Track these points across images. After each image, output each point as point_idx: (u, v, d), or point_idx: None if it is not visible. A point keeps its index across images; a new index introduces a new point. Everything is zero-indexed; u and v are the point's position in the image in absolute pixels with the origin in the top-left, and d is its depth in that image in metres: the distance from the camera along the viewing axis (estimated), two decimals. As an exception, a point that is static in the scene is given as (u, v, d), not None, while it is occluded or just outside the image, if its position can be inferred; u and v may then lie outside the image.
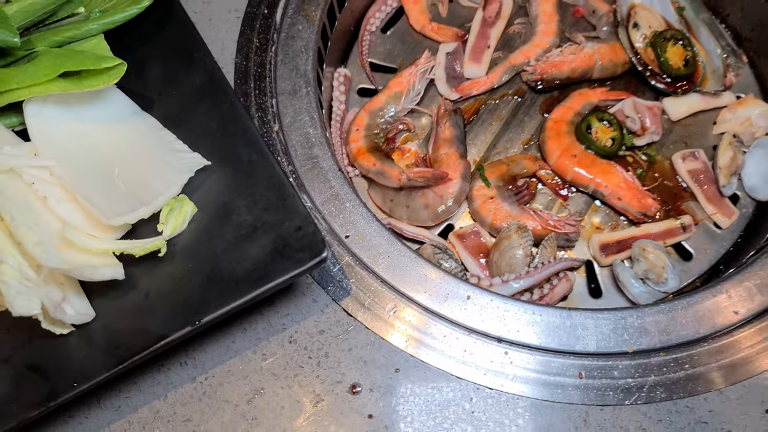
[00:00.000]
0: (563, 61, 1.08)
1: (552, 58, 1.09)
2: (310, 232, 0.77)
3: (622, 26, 1.09)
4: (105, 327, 0.76)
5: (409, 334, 0.85)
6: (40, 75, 0.79)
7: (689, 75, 1.07)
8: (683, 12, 1.11)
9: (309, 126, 0.96)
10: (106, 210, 0.77)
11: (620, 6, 1.10)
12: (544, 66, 1.08)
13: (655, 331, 0.85)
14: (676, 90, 1.09)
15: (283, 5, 1.04)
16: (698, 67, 1.07)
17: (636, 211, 1.02)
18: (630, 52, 1.08)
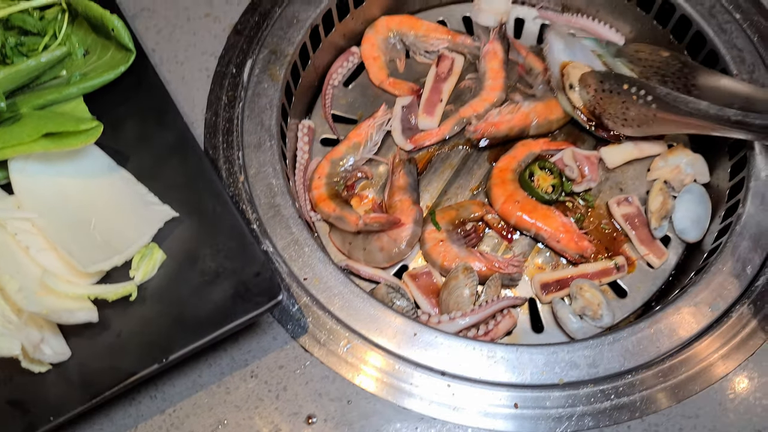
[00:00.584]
0: (501, 121, 1.17)
1: (491, 117, 1.18)
2: (268, 278, 0.86)
3: (559, 89, 1.18)
4: (80, 365, 0.84)
5: (361, 369, 0.93)
6: (24, 136, 0.87)
7: None
8: (603, 59, 1.22)
9: (272, 177, 1.05)
10: (83, 258, 0.85)
11: (551, 68, 1.19)
12: (485, 125, 1.17)
13: (584, 365, 0.93)
14: (617, 138, 1.18)
15: (250, 65, 1.13)
16: None
17: (573, 252, 1.11)
18: (573, 112, 1.17)
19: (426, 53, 1.29)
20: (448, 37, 1.27)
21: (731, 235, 1.02)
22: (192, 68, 1.13)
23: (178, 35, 1.16)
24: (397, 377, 0.93)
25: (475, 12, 1.32)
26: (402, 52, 1.30)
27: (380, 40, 1.28)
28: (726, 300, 0.97)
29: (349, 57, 1.29)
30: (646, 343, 0.95)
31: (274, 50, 1.14)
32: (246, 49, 1.14)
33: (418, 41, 1.28)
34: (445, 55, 1.26)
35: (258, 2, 1.19)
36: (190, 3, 1.20)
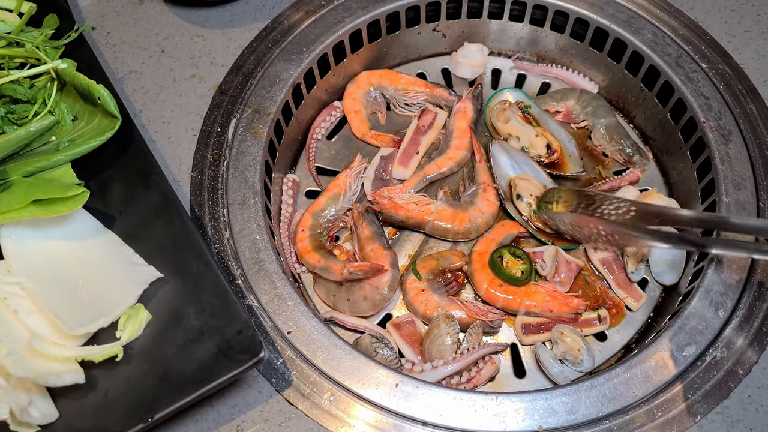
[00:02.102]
0: (401, 206, 1.18)
1: (399, 196, 1.19)
2: (250, 335, 0.88)
3: (507, 200, 1.20)
4: (67, 426, 0.86)
5: (345, 421, 0.95)
6: (13, 203, 0.91)
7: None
8: (529, 110, 1.26)
9: (256, 233, 1.08)
10: (70, 321, 0.88)
11: (499, 181, 1.21)
12: (387, 202, 1.19)
13: (563, 411, 0.95)
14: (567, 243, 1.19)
15: (234, 124, 1.17)
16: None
17: (568, 314, 1.13)
18: (519, 219, 1.19)
19: (405, 106, 1.33)
20: (427, 89, 1.32)
21: (703, 278, 1.05)
22: (178, 128, 1.17)
23: (164, 96, 1.20)
24: (380, 428, 0.95)
25: (453, 64, 1.37)
26: (383, 105, 1.34)
27: (361, 95, 1.33)
28: (699, 344, 0.99)
29: (331, 111, 1.33)
30: (622, 389, 0.97)
31: (257, 109, 1.18)
32: (230, 109, 1.19)
33: (398, 94, 1.32)
34: (428, 108, 1.30)
35: (241, 63, 1.23)
36: (176, 65, 1.24)
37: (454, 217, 1.19)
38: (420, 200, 1.20)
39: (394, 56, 1.38)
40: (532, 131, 1.26)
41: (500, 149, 1.23)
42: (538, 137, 1.25)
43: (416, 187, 1.23)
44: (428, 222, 1.19)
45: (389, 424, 0.95)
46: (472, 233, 1.19)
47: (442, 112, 1.30)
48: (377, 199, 1.20)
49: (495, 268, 1.14)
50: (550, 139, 1.25)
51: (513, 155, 1.23)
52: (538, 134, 1.25)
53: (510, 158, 1.22)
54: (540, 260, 1.15)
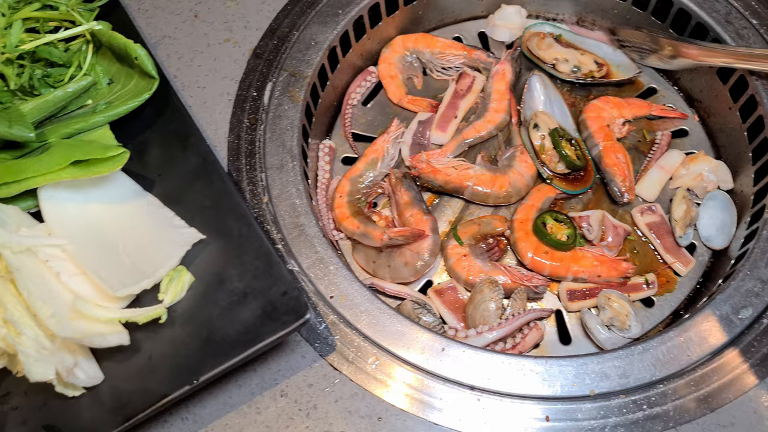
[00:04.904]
0: (440, 171, 1.15)
1: (438, 161, 1.16)
2: (295, 296, 0.87)
3: (524, 127, 1.19)
4: (112, 388, 0.85)
5: (390, 385, 0.93)
6: (53, 164, 0.89)
7: (584, 166, 1.16)
8: (561, 37, 1.23)
9: (295, 197, 1.06)
10: (113, 282, 0.86)
11: (524, 111, 1.20)
12: (425, 167, 1.16)
13: (615, 375, 0.93)
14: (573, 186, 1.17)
15: (270, 88, 1.14)
16: (588, 161, 1.17)
17: (617, 279, 1.10)
18: (530, 148, 1.17)
19: (442, 70, 1.30)
20: (464, 52, 1.28)
21: (758, 240, 1.01)
22: (213, 93, 1.15)
23: (198, 61, 1.18)
24: (426, 392, 0.93)
25: (490, 28, 1.33)
26: (419, 69, 1.31)
27: (397, 59, 1.30)
28: (756, 307, 0.96)
29: (367, 77, 1.30)
30: (676, 352, 0.94)
31: (293, 73, 1.16)
32: (266, 73, 1.16)
33: (435, 58, 1.29)
34: (466, 72, 1.27)
35: (276, 26, 1.21)
36: (210, 29, 1.22)
37: (493, 181, 1.16)
38: (459, 165, 1.17)
39: (430, 20, 1.35)
40: (577, 51, 1.25)
41: (539, 81, 1.22)
42: (584, 56, 1.24)
43: (455, 152, 1.20)
44: (468, 187, 1.16)
45: (436, 389, 0.93)
46: (513, 197, 1.16)
47: (480, 76, 1.27)
48: (415, 164, 1.17)
49: (540, 234, 1.11)
50: (594, 56, 1.24)
51: (549, 92, 1.21)
52: (582, 53, 1.24)
53: (546, 94, 1.21)
54: (586, 224, 1.12)
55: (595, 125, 1.17)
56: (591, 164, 1.17)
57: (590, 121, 1.18)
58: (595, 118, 1.18)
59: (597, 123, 1.17)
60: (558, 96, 1.22)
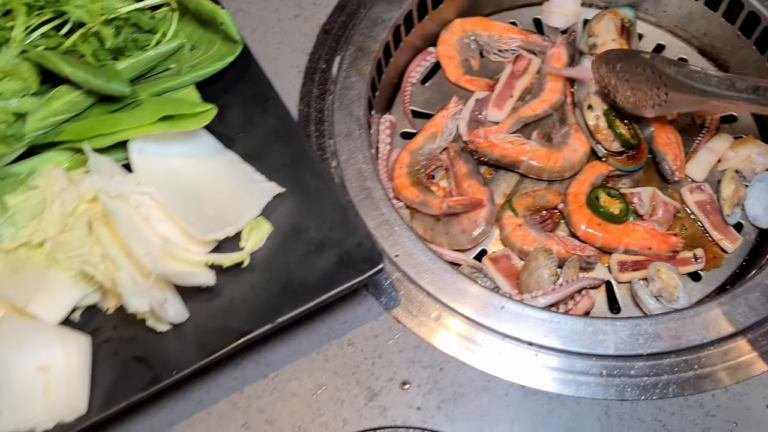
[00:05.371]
0: (497, 145, 1.21)
1: (495, 136, 1.21)
2: (369, 247, 0.92)
3: (578, 108, 1.24)
4: (196, 326, 0.90)
5: (451, 339, 0.99)
6: (144, 119, 0.95)
7: (637, 145, 1.20)
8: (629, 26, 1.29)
9: (362, 162, 1.11)
10: (200, 228, 0.92)
11: (577, 93, 1.25)
12: (482, 141, 1.21)
13: (667, 337, 0.97)
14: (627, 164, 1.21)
15: (339, 61, 1.20)
16: (641, 140, 1.21)
17: (666, 252, 1.14)
18: (584, 128, 1.22)
19: (499, 52, 1.35)
20: (521, 36, 1.34)
21: (808, 215, 1.06)
22: (284, 64, 1.21)
23: (270, 35, 1.25)
24: (485, 347, 0.98)
25: (545, 14, 1.38)
26: (476, 51, 1.36)
27: (455, 41, 1.35)
28: (806, 278, 1.00)
29: (426, 56, 1.36)
30: (726, 317, 0.98)
31: (360, 47, 1.22)
32: (334, 47, 1.22)
33: (492, 41, 1.34)
34: (522, 54, 1.32)
35: (345, 4, 1.27)
36: (281, 5, 1.28)
37: (548, 156, 1.21)
38: (515, 140, 1.22)
39: (487, 5, 1.40)
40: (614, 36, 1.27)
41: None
42: (614, 41, 1.26)
43: (510, 129, 1.25)
44: (523, 161, 1.21)
45: (495, 344, 0.98)
46: (567, 171, 1.21)
47: (535, 58, 1.32)
48: (473, 139, 1.23)
49: (593, 207, 1.15)
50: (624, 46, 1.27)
51: None
52: (615, 39, 1.27)
53: None
54: (638, 200, 1.17)
55: None
56: (644, 143, 1.21)
57: None
58: None
59: None
60: None
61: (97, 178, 0.92)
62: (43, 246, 0.91)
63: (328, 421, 0.95)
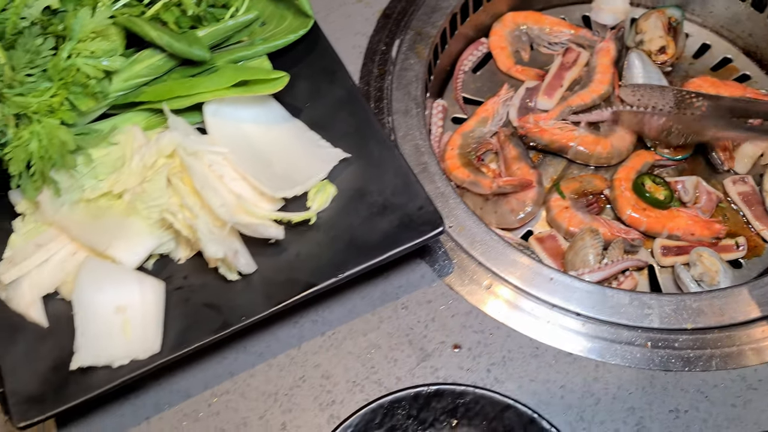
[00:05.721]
0: (546, 130, 1.26)
1: (544, 123, 1.26)
2: (431, 211, 0.97)
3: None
4: (264, 278, 0.95)
5: (501, 306, 1.03)
6: (221, 83, 1.01)
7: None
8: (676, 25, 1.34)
9: (419, 138, 1.16)
10: (270, 186, 0.97)
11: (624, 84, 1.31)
12: (532, 127, 1.26)
13: (711, 313, 1.01)
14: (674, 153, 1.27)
15: (398, 44, 1.26)
16: None
17: (709, 238, 1.18)
18: None
19: (549, 45, 1.40)
20: (571, 30, 1.39)
21: None
22: (346, 45, 1.27)
23: (333, 18, 1.31)
24: (534, 315, 1.02)
25: (595, 11, 1.43)
26: (527, 43, 1.41)
27: (507, 32, 1.41)
28: None
29: (478, 46, 1.41)
30: (769, 297, 1.01)
31: (419, 32, 1.27)
32: (394, 30, 1.28)
33: (543, 34, 1.39)
34: (572, 47, 1.37)
35: (404, -9, 1.33)
36: (343, -10, 1.35)
37: (596, 142, 1.25)
38: (564, 126, 1.27)
39: (538, 0, 1.45)
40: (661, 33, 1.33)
41: (638, 58, 1.31)
42: (660, 38, 1.32)
43: (559, 117, 1.29)
44: (572, 147, 1.25)
45: (544, 313, 1.02)
46: (614, 158, 1.25)
47: (585, 52, 1.37)
48: (523, 124, 1.27)
49: (639, 192, 1.19)
50: (670, 45, 1.33)
51: (648, 69, 1.30)
52: (662, 36, 1.33)
53: (645, 70, 1.30)
54: (682, 187, 1.21)
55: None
56: None
57: None
58: None
59: None
60: (657, 72, 1.31)
61: (176, 134, 0.97)
62: (123, 197, 0.97)
63: (381, 378, 0.99)
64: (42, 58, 0.93)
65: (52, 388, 0.88)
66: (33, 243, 0.96)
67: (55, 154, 0.93)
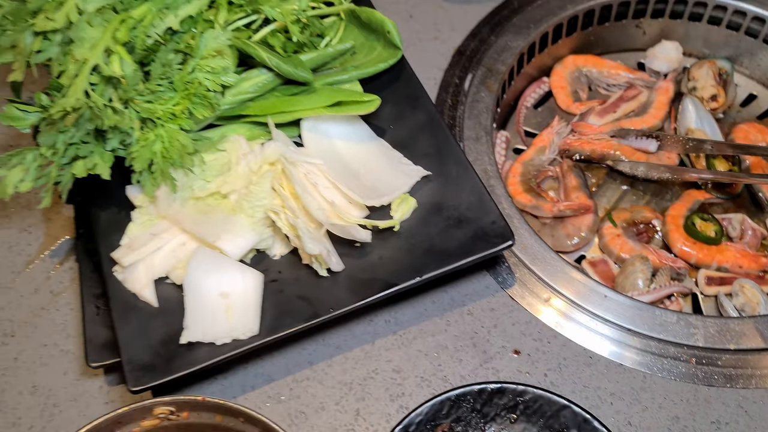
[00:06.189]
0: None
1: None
2: (502, 225, 1.08)
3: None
4: (350, 276, 1.06)
5: (559, 318, 1.13)
6: (320, 102, 1.14)
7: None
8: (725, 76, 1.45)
9: (487, 164, 1.28)
10: (360, 195, 1.09)
11: (680, 128, 1.42)
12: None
13: (753, 336, 1.10)
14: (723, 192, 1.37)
15: (470, 78, 1.39)
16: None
17: (756, 271, 1.27)
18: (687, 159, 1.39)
19: (608, 87, 1.52)
20: (629, 73, 1.50)
21: None
22: (423, 77, 1.39)
23: (411, 52, 1.43)
24: (589, 328, 1.12)
25: (649, 58, 1.55)
26: (585, 84, 1.53)
27: (567, 73, 1.53)
28: None
29: (540, 85, 1.53)
30: (810, 325, 1.10)
31: (489, 68, 1.40)
32: (467, 66, 1.41)
33: (602, 76, 1.51)
34: (636, 86, 1.48)
35: (477, 31, 1.46)
36: (421, 28, 1.48)
37: (633, 153, 1.37)
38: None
39: (597, 46, 1.58)
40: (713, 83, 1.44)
41: (692, 102, 1.42)
42: (712, 87, 1.44)
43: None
44: (611, 154, 1.37)
45: (597, 326, 1.12)
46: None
47: (646, 91, 1.48)
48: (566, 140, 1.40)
49: (691, 233, 1.29)
50: (720, 93, 1.44)
51: (700, 112, 1.41)
52: (713, 85, 1.44)
53: (697, 114, 1.41)
54: (729, 224, 1.31)
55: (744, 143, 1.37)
56: None
57: (739, 141, 1.37)
58: (743, 138, 1.38)
59: (745, 142, 1.37)
60: (709, 117, 1.42)
61: (279, 144, 1.10)
62: (229, 197, 1.09)
63: (447, 375, 1.09)
64: (172, 71, 1.07)
65: (161, 359, 1.00)
66: (148, 232, 1.09)
67: (175, 155, 1.06)
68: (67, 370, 1.12)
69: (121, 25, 1.09)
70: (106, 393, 1.09)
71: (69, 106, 1.01)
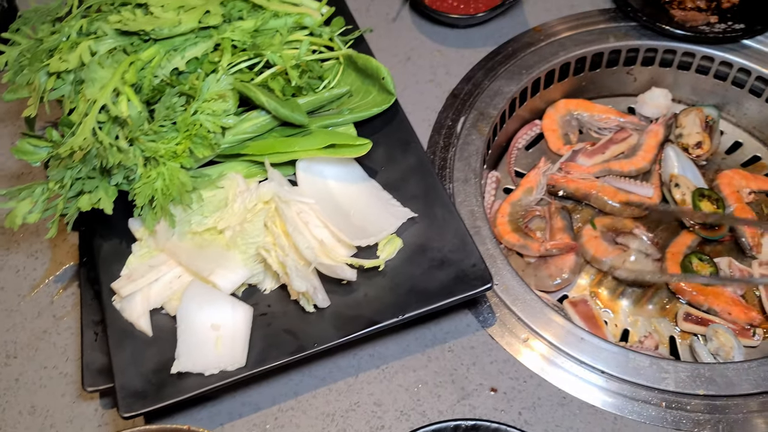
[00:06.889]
0: (572, 180, 1.45)
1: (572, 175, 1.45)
2: (482, 268, 1.13)
3: (665, 186, 1.45)
4: (335, 312, 1.12)
5: (535, 358, 1.17)
6: (314, 144, 1.20)
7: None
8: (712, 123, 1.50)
9: (474, 205, 1.33)
10: (348, 235, 1.15)
11: (663, 174, 1.47)
12: (560, 177, 1.45)
13: (722, 383, 1.14)
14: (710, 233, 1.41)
15: (463, 121, 1.45)
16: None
17: (743, 322, 1.30)
18: (672, 202, 1.44)
19: (598, 130, 1.57)
20: (619, 117, 1.56)
21: None
22: (417, 118, 1.46)
23: (407, 93, 1.50)
24: (564, 369, 1.16)
25: (639, 104, 1.60)
26: (576, 128, 1.59)
27: (559, 117, 1.58)
28: None
29: (532, 127, 1.59)
30: (777, 374, 1.14)
31: (482, 112, 1.46)
32: (460, 109, 1.47)
33: (593, 120, 1.57)
34: (627, 129, 1.53)
35: (471, 75, 1.52)
36: (418, 71, 1.54)
37: (615, 193, 1.42)
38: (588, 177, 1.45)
39: (589, 91, 1.63)
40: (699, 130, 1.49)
41: (672, 150, 1.48)
42: (698, 134, 1.49)
43: (594, 174, 1.45)
44: (593, 194, 1.43)
45: (572, 368, 1.16)
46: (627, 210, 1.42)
47: (636, 134, 1.53)
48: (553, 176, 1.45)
49: (687, 270, 1.34)
50: (706, 141, 1.49)
51: (681, 159, 1.47)
52: (699, 132, 1.49)
53: (679, 161, 1.46)
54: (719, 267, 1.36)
55: (727, 189, 1.41)
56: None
57: (723, 186, 1.42)
58: (727, 184, 1.43)
59: (729, 188, 1.42)
60: (690, 163, 1.47)
61: (274, 184, 1.16)
62: (224, 232, 1.15)
63: (425, 410, 1.14)
64: (175, 113, 1.13)
65: (153, 387, 1.06)
66: (147, 264, 1.15)
67: (175, 192, 1.12)
68: (65, 393, 1.18)
69: (130, 66, 1.17)
70: (101, 416, 1.15)
71: (77, 146, 1.07)
